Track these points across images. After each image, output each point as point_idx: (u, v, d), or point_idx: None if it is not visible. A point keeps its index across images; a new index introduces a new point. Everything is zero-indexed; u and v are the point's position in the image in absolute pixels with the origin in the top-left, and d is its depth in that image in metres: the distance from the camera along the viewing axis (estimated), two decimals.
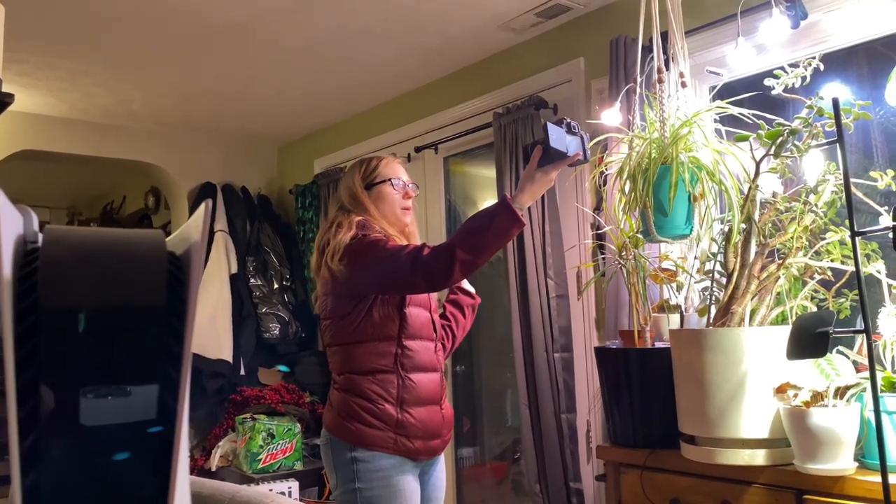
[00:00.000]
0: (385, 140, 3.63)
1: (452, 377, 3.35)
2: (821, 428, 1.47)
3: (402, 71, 3.28)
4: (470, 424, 3.45)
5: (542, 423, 2.60)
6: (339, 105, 3.77)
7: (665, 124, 1.77)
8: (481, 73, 3.16)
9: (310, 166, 4.17)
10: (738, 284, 1.69)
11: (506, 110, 2.83)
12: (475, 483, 3.41)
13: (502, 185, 2.80)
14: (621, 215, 1.92)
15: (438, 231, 3.42)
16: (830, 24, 2.07)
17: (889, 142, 2.13)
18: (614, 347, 2.02)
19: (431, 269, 1.73)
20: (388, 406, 1.85)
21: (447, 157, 3.41)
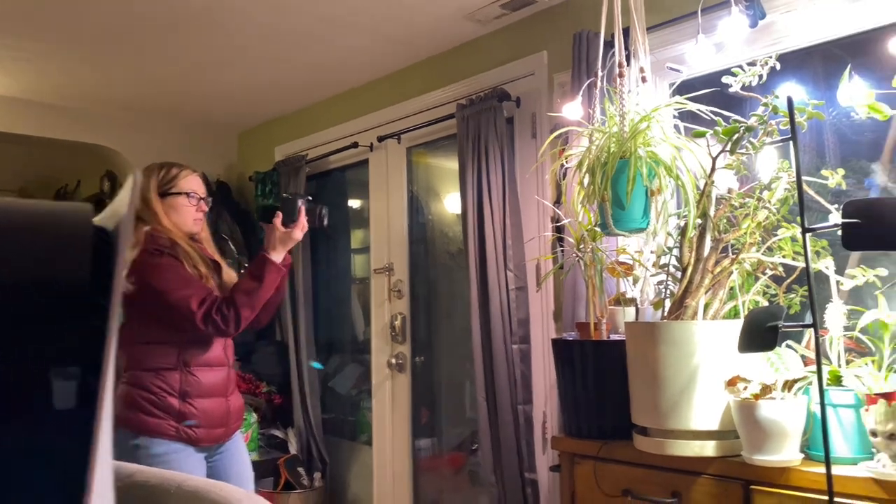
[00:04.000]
0: (347, 128, 3.60)
1: (411, 368, 3.35)
2: (768, 420, 1.50)
3: (365, 59, 3.25)
4: (428, 416, 3.45)
5: (498, 415, 2.62)
6: (301, 92, 3.72)
7: (624, 119, 1.78)
8: (445, 63, 3.14)
9: (270, 153, 4.11)
10: (693, 279, 1.72)
11: (469, 102, 2.82)
12: (432, 474, 3.42)
13: (464, 175, 2.80)
14: (580, 208, 1.93)
15: (400, 222, 3.40)
16: (787, 24, 2.11)
17: (841, 142, 2.18)
18: (570, 339, 2.04)
19: (220, 327, 2.04)
20: (170, 398, 2.06)
21: (410, 148, 3.39)
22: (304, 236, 3.50)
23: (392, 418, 3.39)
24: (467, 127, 2.80)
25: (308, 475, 3.55)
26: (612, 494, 1.79)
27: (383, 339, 3.44)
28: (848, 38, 2.10)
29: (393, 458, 3.38)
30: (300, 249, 3.70)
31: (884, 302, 1.61)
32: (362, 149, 3.51)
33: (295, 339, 3.71)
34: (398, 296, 3.38)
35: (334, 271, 4.10)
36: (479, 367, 2.70)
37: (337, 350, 4.04)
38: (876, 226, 1.27)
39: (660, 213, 1.78)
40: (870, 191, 2.07)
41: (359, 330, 3.86)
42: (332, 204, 4.06)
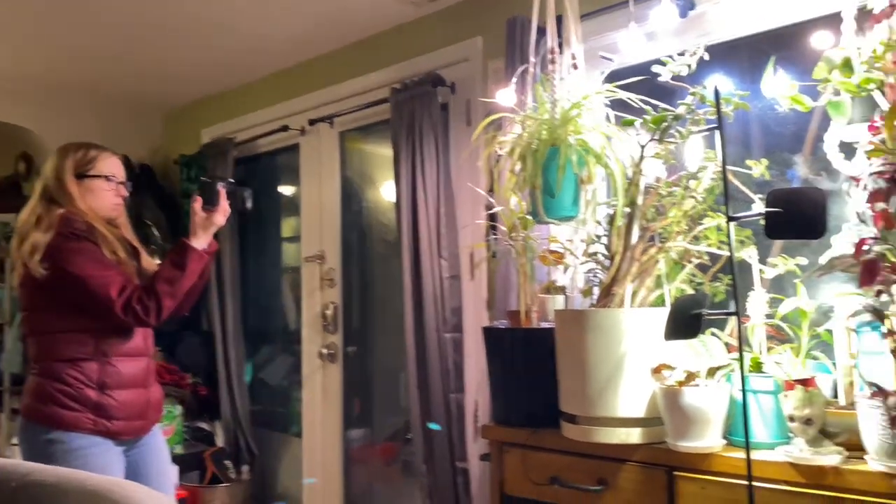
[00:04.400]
0: (277, 111, 3.50)
1: (343, 358, 3.29)
2: (692, 407, 1.52)
3: (296, 40, 3.16)
4: (361, 406, 3.41)
5: (431, 404, 2.59)
6: (229, 72, 3.59)
7: (556, 106, 1.77)
8: (379, 46, 3.08)
9: (197, 136, 3.96)
10: (621, 267, 1.72)
11: (403, 86, 2.77)
12: (364, 465, 3.37)
13: (398, 161, 2.75)
14: (511, 196, 1.91)
15: (333, 209, 3.33)
16: (716, 16, 2.14)
17: (766, 134, 2.22)
18: (500, 327, 2.02)
19: (140, 318, 1.96)
20: (87, 390, 1.96)
21: (343, 133, 3.31)
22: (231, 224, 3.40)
23: (323, 409, 3.33)
24: (401, 112, 2.75)
25: (236, 468, 3.46)
26: (539, 482, 1.78)
27: (314, 328, 3.36)
28: (773, 31, 2.14)
29: (323, 450, 3.32)
30: (227, 237, 3.59)
31: (803, 290, 1.65)
32: (293, 132, 3.42)
33: (222, 328, 3.59)
34: (330, 285, 3.31)
35: (264, 260, 3.99)
36: (411, 356, 2.67)
37: (267, 340, 3.94)
38: (796, 215, 1.29)
39: (590, 202, 1.77)
40: (792, 182, 2.12)
41: (290, 320, 3.77)
42: (263, 190, 3.97)
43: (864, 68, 1.47)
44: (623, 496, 1.65)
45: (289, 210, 3.85)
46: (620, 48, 2.11)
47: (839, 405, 1.53)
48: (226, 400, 3.57)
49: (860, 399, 1.35)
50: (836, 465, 1.37)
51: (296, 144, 3.50)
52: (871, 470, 1.33)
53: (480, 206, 2.63)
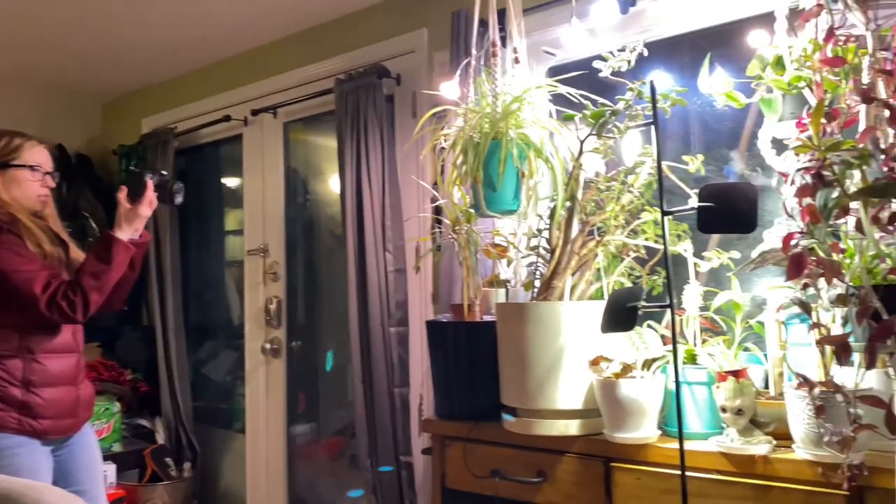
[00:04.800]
0: (220, 101, 3.42)
1: (287, 353, 3.24)
2: (628, 398, 1.54)
3: (239, 28, 3.08)
4: (306, 401, 3.37)
5: (375, 398, 2.57)
6: (170, 60, 3.49)
7: (497, 99, 1.76)
8: (324, 36, 3.03)
9: (137, 126, 3.84)
10: (561, 260, 1.73)
11: (348, 77, 2.73)
12: (309, 460, 3.34)
13: (343, 153, 2.71)
14: (455, 189, 1.91)
15: (276, 201, 3.27)
16: (657, 13, 2.16)
17: (704, 130, 2.26)
18: (443, 321, 2.02)
19: (66, 314, 1.89)
20: (11, 388, 1.90)
21: (287, 123, 3.26)
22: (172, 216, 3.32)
23: (266, 405, 3.28)
24: (346, 103, 2.72)
25: (177, 466, 3.38)
26: (480, 475, 1.79)
27: (257, 323, 3.31)
28: (712, 28, 2.18)
29: (267, 446, 3.27)
30: (168, 230, 3.50)
31: (736, 283, 1.69)
32: (235, 123, 3.34)
33: (163, 323, 3.50)
34: (273, 278, 3.25)
35: (207, 253, 3.90)
36: (355, 350, 2.64)
37: (210, 335, 3.86)
38: (728, 210, 1.32)
39: (531, 196, 1.78)
40: (729, 177, 2.17)
41: (234, 314, 3.69)
42: (205, 182, 3.88)
43: (795, 66, 1.50)
44: (561, 488, 1.67)
45: (232, 202, 3.77)
46: (563, 43, 2.13)
47: (770, 395, 1.57)
48: (167, 396, 3.48)
49: (788, 390, 1.39)
50: (765, 454, 1.41)
51: (239, 135, 3.42)
52: (798, 458, 1.37)
53: (427, 198, 2.63)
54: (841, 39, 1.22)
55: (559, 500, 1.67)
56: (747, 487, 1.41)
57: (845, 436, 1.18)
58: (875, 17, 1.17)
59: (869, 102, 1.16)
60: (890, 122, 1.15)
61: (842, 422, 1.21)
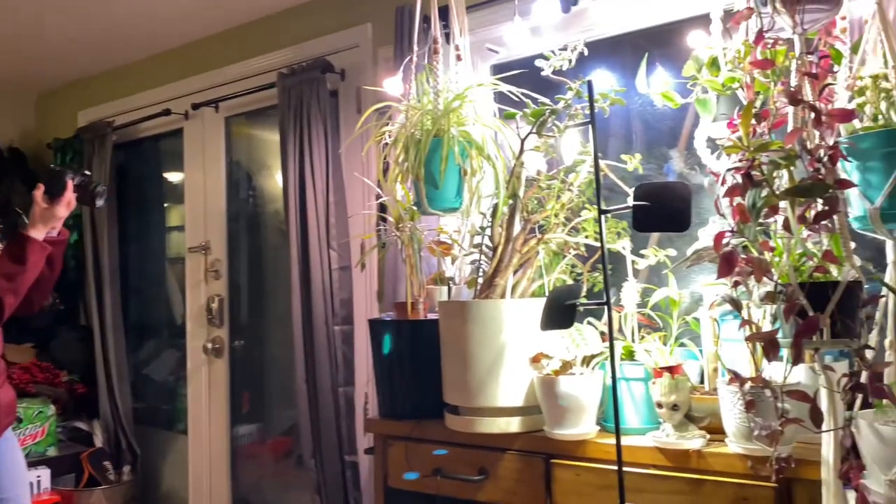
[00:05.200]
0: (160, 94, 3.33)
1: (229, 353, 3.18)
2: (567, 395, 1.55)
3: (179, 20, 3.00)
4: (250, 401, 3.31)
5: (319, 398, 2.54)
6: (108, 52, 3.38)
7: (439, 97, 1.75)
8: (266, 29, 2.98)
9: (73, 119, 3.72)
10: (503, 258, 1.73)
11: (291, 71, 2.69)
12: (253, 461, 3.28)
13: (286, 149, 2.67)
14: (398, 186, 1.89)
15: (218, 197, 3.20)
16: (598, 12, 2.18)
17: (647, 129, 2.29)
18: (386, 319, 2.00)
19: None
20: None
21: (229, 117, 3.19)
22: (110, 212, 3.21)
23: (209, 405, 3.21)
24: (289, 98, 2.67)
25: (116, 469, 3.29)
26: (423, 474, 1.78)
27: (199, 322, 3.23)
28: (653, 29, 2.21)
29: (210, 447, 3.20)
30: (105, 226, 3.39)
31: (673, 280, 1.72)
32: (176, 117, 3.26)
33: (100, 322, 3.40)
34: (215, 276, 3.19)
35: (148, 250, 3.79)
36: (299, 349, 2.61)
37: (152, 334, 3.76)
38: (663, 209, 1.33)
39: (473, 193, 1.78)
40: (668, 176, 2.20)
41: (177, 313, 3.61)
42: (145, 177, 3.78)
43: (729, 68, 1.53)
44: (503, 485, 1.67)
45: (174, 198, 3.68)
46: (506, 41, 2.13)
47: (704, 391, 1.60)
48: (105, 398, 3.38)
49: (720, 385, 1.42)
50: (699, 448, 1.44)
51: (179, 129, 3.34)
52: (730, 452, 1.40)
53: (372, 195, 2.60)
54: (770, 42, 1.25)
55: (500, 497, 1.67)
56: (682, 481, 1.44)
57: (773, 429, 1.21)
58: (802, 21, 1.19)
59: (796, 104, 1.19)
60: (815, 124, 1.18)
61: (770, 416, 1.24)
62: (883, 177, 1.17)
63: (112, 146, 3.38)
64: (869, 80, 1.26)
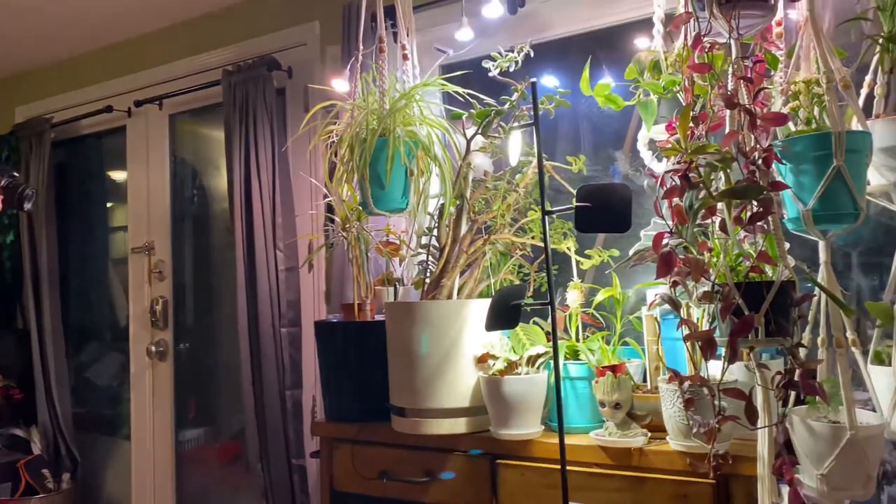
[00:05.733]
0: (101, 90, 3.24)
1: (174, 356, 3.11)
2: (512, 395, 1.56)
3: (121, 15, 2.93)
4: (197, 405, 3.24)
5: (265, 401, 2.50)
6: (47, 46, 3.27)
7: (385, 96, 1.74)
8: (212, 25, 2.92)
9: (10, 115, 3.59)
10: (449, 258, 1.73)
11: (236, 68, 2.64)
12: (200, 466, 3.21)
13: (231, 148, 2.62)
14: (344, 186, 1.87)
15: (162, 197, 3.13)
16: (546, 14, 2.20)
17: (594, 131, 2.32)
18: (333, 321, 1.98)
19: None
20: None
21: (174, 115, 3.12)
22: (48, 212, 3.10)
23: (153, 410, 3.13)
24: (234, 95, 2.63)
25: (55, 477, 3.18)
26: (369, 477, 1.76)
27: (142, 324, 3.15)
28: (600, 31, 2.23)
29: (154, 452, 3.13)
30: (43, 226, 3.28)
31: (617, 280, 1.74)
32: (118, 114, 3.17)
33: (38, 326, 3.28)
34: (159, 277, 3.11)
35: (90, 251, 3.68)
36: (244, 351, 2.56)
37: (94, 337, 3.65)
38: (604, 210, 1.35)
39: (420, 194, 1.77)
40: (614, 177, 2.23)
41: (120, 315, 3.51)
42: (87, 175, 3.67)
43: (671, 71, 1.55)
44: (448, 486, 1.67)
45: (117, 197, 3.58)
46: (455, 42, 2.13)
47: (647, 389, 1.63)
48: (43, 403, 3.27)
49: (660, 383, 1.44)
50: (640, 446, 1.46)
51: (122, 127, 3.25)
52: (671, 449, 1.43)
53: (320, 195, 2.57)
54: (707, 46, 1.27)
55: (446, 498, 1.67)
56: (624, 479, 1.46)
57: (711, 427, 1.23)
58: (737, 26, 1.22)
59: (732, 108, 1.21)
60: (751, 128, 1.20)
61: (708, 414, 1.26)
62: (815, 179, 1.21)
63: (51, 144, 3.28)
64: (802, 85, 1.30)
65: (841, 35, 1.67)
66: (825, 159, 1.19)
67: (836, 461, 1.16)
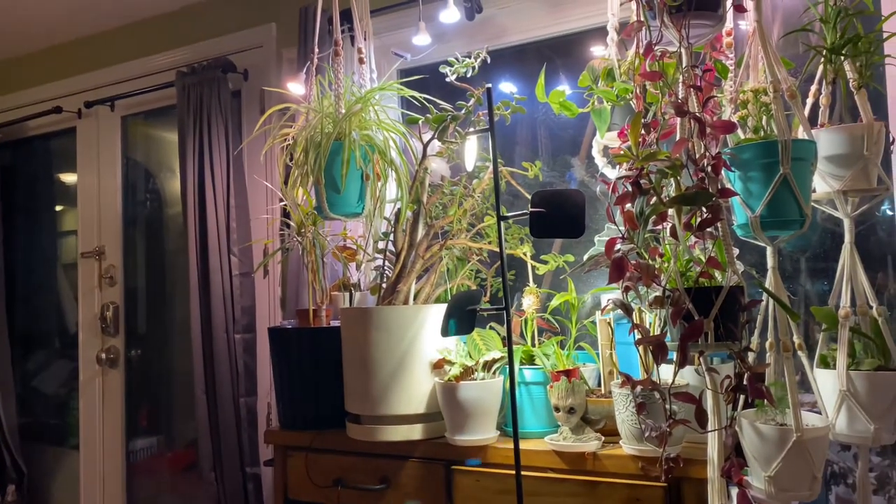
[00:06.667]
0: (50, 90, 3.15)
1: (125, 363, 3.03)
2: (467, 400, 1.55)
3: (70, 13, 2.85)
4: (149, 413, 3.16)
5: (219, 408, 2.46)
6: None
7: (340, 99, 1.73)
8: (166, 26, 2.87)
9: None
10: (406, 264, 1.72)
11: (191, 70, 2.60)
12: (152, 475, 3.13)
13: (185, 150, 2.57)
14: (299, 190, 1.85)
15: (113, 200, 3.06)
16: (503, 21, 2.21)
17: (551, 137, 2.34)
18: (286, 327, 1.95)
19: None
20: None
21: (126, 117, 3.05)
22: None
23: (102, 418, 3.05)
24: (188, 97, 2.58)
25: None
26: (323, 485, 1.74)
27: (92, 331, 3.07)
28: (556, 38, 2.25)
29: (103, 462, 3.04)
30: None
31: (572, 285, 1.75)
32: (67, 115, 3.09)
33: None
34: (110, 283, 3.03)
35: (37, 254, 3.57)
36: (198, 358, 2.51)
37: (41, 344, 3.53)
38: (558, 215, 1.35)
39: (378, 198, 1.76)
40: (570, 183, 2.25)
41: (70, 321, 3.41)
42: (34, 178, 3.56)
43: (624, 79, 1.57)
44: (404, 493, 1.65)
45: (67, 200, 3.48)
46: (413, 46, 2.12)
47: (601, 393, 1.64)
48: None
49: (613, 388, 1.45)
50: (594, 450, 1.46)
51: (72, 128, 3.16)
52: (624, 453, 1.44)
53: (275, 198, 2.54)
54: (659, 54, 1.29)
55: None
56: (578, 484, 1.46)
57: (662, 430, 1.24)
58: (688, 36, 1.24)
59: (682, 116, 1.23)
60: (700, 135, 1.22)
61: (660, 417, 1.28)
62: (762, 186, 1.23)
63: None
64: (751, 94, 1.32)
65: (789, 46, 1.72)
66: (772, 167, 1.21)
67: (782, 463, 1.19)
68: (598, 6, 1.98)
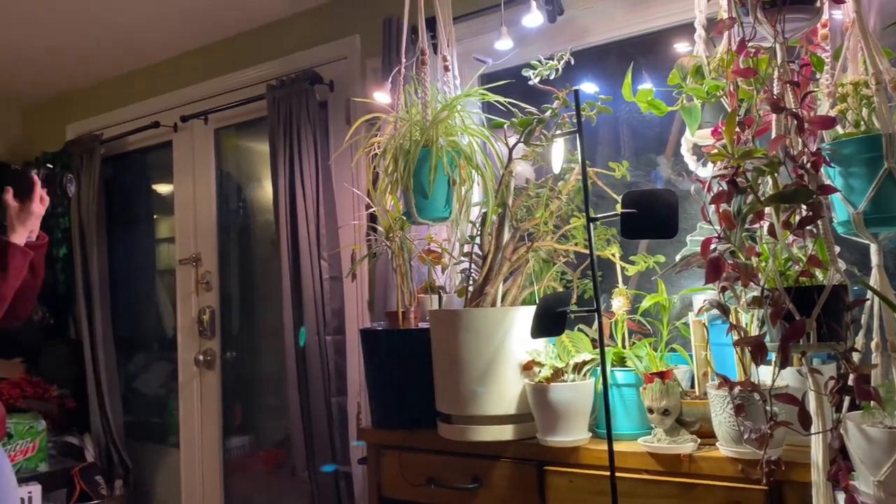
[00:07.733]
0: (148, 106, 3.33)
1: (221, 364, 3.17)
2: (558, 402, 1.56)
3: (167, 33, 3.01)
4: (242, 413, 3.30)
5: (311, 408, 2.54)
6: (95, 64, 3.38)
7: (427, 107, 1.77)
8: (255, 41, 2.99)
9: (61, 132, 3.71)
10: (492, 266, 1.74)
11: (280, 83, 2.70)
12: (247, 473, 3.27)
13: (276, 160, 2.68)
14: (388, 197, 1.90)
15: (208, 209, 3.21)
16: (585, 22, 2.21)
17: (634, 136, 2.32)
18: (378, 329, 2.01)
19: None
20: None
21: (219, 129, 3.19)
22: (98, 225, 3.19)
23: (200, 418, 3.20)
24: (278, 109, 2.68)
25: (108, 484, 3.27)
26: (416, 483, 1.78)
27: (190, 334, 3.23)
28: (640, 37, 2.23)
29: (202, 460, 3.19)
30: (94, 240, 3.38)
31: (663, 286, 1.73)
32: (165, 129, 3.26)
33: (90, 336, 3.38)
34: (206, 288, 3.18)
35: (137, 263, 3.78)
36: (290, 360, 2.60)
37: (142, 347, 3.74)
38: (650, 216, 1.35)
39: (463, 202, 1.79)
40: (656, 182, 2.22)
41: (167, 325, 3.60)
42: (134, 190, 3.77)
43: (714, 76, 1.55)
44: (496, 492, 1.68)
45: (163, 210, 3.67)
46: (495, 51, 2.15)
47: (695, 395, 1.62)
48: (96, 412, 3.36)
49: (710, 389, 1.43)
50: (690, 452, 1.45)
51: (168, 141, 3.34)
52: (721, 455, 1.42)
53: (362, 205, 2.61)
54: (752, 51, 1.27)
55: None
56: (673, 486, 1.45)
57: (763, 433, 1.22)
58: (783, 30, 1.21)
59: (778, 112, 1.21)
60: (798, 131, 1.19)
61: (759, 419, 1.25)
62: (865, 182, 1.19)
63: (101, 159, 3.38)
64: (850, 87, 1.28)
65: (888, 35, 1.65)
66: (875, 161, 1.18)
67: (893, 467, 1.15)
68: (681, 4, 1.95)
